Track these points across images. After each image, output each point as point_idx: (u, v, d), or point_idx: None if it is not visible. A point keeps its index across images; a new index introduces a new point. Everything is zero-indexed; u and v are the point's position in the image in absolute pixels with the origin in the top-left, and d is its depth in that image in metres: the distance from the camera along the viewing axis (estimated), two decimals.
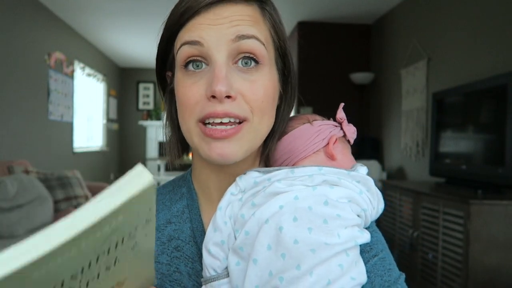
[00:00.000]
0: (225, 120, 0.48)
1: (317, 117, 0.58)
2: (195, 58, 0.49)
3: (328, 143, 0.54)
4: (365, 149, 4.21)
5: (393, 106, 3.96)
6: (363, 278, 0.46)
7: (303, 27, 4.46)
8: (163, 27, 0.54)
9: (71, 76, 4.90)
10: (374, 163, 3.82)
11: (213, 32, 0.48)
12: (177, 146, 0.58)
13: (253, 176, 0.50)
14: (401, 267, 0.57)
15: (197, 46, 0.48)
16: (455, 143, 2.60)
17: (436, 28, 3.20)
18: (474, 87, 2.39)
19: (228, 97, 0.47)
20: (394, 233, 2.79)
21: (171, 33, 0.52)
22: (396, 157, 3.88)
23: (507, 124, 2.05)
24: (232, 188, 0.51)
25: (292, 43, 4.79)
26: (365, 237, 0.48)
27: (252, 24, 0.49)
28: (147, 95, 7.45)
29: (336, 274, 0.43)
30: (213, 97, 0.47)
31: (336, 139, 0.55)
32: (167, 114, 0.57)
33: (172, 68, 0.55)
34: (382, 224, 3.04)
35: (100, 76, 6.09)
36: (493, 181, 2.16)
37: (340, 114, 0.57)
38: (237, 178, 0.51)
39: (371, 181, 0.51)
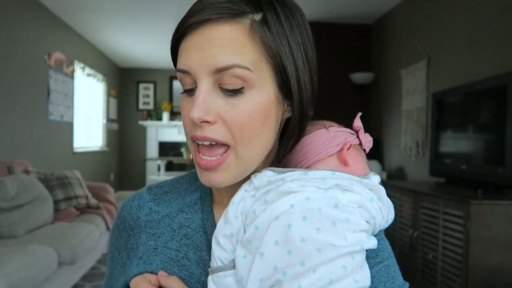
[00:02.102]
0: (206, 143, 0.50)
1: (334, 124, 0.60)
2: (189, 87, 0.51)
3: (342, 149, 0.55)
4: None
5: (393, 106, 3.97)
6: (366, 282, 0.47)
7: None
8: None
9: (71, 76, 4.91)
10: (374, 163, 3.82)
11: (197, 59, 0.48)
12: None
13: (268, 175, 0.52)
14: (401, 267, 0.57)
15: (186, 74, 0.50)
16: (455, 143, 2.60)
17: (436, 28, 3.20)
18: (474, 87, 2.39)
19: (207, 121, 0.48)
20: (394, 233, 2.79)
21: (173, 46, 0.53)
22: (396, 157, 3.88)
23: (507, 124, 2.05)
24: (246, 185, 0.53)
25: None
26: (372, 243, 0.49)
27: (234, 50, 0.47)
28: (147, 95, 7.45)
29: (339, 275, 0.44)
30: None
31: (351, 145, 0.56)
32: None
33: None
34: None
35: (100, 76, 6.10)
36: (493, 181, 2.16)
37: (357, 122, 0.58)
38: (252, 176, 0.53)
39: (383, 190, 0.52)
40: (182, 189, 0.63)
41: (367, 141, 0.58)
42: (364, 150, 0.59)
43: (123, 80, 7.41)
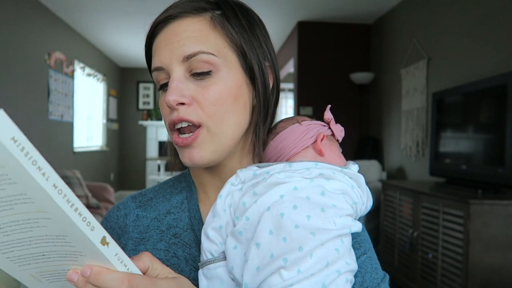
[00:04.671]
0: (184, 125, 0.53)
1: (306, 118, 0.63)
2: (164, 83, 0.56)
3: (316, 140, 0.59)
4: (365, 149, 4.21)
5: (393, 106, 3.97)
6: (355, 266, 0.50)
7: (303, 27, 4.46)
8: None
9: (71, 76, 4.90)
10: (374, 163, 3.82)
11: (167, 53, 0.53)
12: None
13: (253, 169, 0.55)
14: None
15: (160, 71, 0.55)
16: (455, 143, 2.60)
17: (436, 28, 3.20)
18: (474, 87, 2.39)
19: (182, 104, 0.53)
20: (394, 233, 2.79)
21: (147, 52, 0.59)
22: (396, 157, 3.88)
23: (507, 124, 2.05)
24: (232, 179, 0.55)
25: (292, 43, 4.79)
26: (358, 226, 0.52)
27: (198, 39, 0.53)
28: (147, 95, 7.45)
29: (333, 257, 0.47)
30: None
31: (324, 136, 0.59)
32: None
33: None
34: (382, 224, 3.04)
35: (100, 76, 6.09)
36: (493, 181, 2.16)
37: (327, 114, 0.61)
38: (238, 171, 0.56)
39: (362, 178, 0.55)
40: (167, 192, 0.65)
41: (339, 131, 0.62)
42: (338, 140, 0.62)
43: (123, 80, 7.41)
